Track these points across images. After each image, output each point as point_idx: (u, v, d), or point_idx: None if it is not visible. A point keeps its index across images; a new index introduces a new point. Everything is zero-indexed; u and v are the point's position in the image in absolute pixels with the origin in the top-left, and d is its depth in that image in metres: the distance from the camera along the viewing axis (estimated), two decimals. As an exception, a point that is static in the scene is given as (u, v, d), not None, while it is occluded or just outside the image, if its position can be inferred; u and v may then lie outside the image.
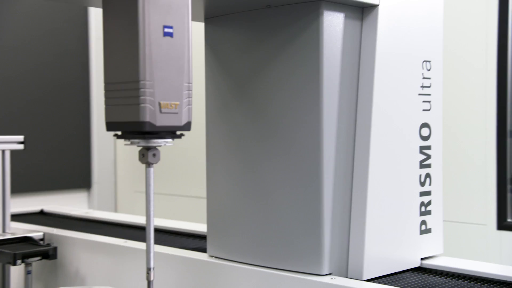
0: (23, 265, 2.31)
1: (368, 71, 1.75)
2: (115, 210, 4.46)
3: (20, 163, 3.77)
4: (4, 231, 2.54)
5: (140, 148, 1.43)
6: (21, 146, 2.57)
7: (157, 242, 2.20)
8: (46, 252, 2.32)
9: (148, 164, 1.43)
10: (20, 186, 3.82)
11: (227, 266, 1.87)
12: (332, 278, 1.68)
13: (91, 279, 2.30)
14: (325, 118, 1.70)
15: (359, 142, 1.75)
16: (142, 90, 1.34)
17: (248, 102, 1.87)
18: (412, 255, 1.86)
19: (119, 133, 1.42)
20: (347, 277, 1.73)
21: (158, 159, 1.43)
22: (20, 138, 2.57)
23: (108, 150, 4.47)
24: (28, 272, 2.34)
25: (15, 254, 2.23)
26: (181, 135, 1.43)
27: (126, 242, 2.21)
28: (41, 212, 3.19)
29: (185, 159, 4.09)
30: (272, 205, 1.80)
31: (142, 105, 1.34)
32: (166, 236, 2.48)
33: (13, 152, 2.57)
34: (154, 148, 1.42)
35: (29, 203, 3.50)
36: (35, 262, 2.33)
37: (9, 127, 3.62)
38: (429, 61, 1.89)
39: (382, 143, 1.76)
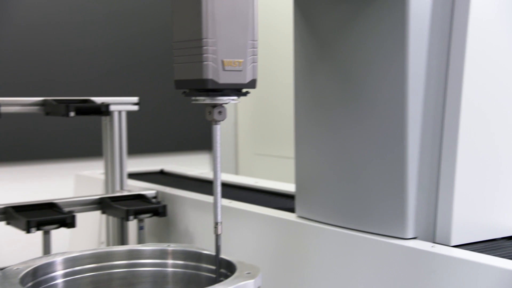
0: (136, 220, 2.43)
1: (462, 26, 1.63)
2: (236, 172, 4.55)
3: (144, 126, 3.96)
4: (122, 188, 2.69)
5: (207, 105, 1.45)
6: (135, 107, 2.69)
7: (246, 200, 2.24)
8: (156, 209, 2.43)
9: (215, 122, 1.45)
10: (145, 147, 4.01)
11: (313, 227, 1.85)
12: (426, 244, 1.61)
13: (198, 237, 2.37)
14: (411, 77, 1.62)
15: (449, 101, 1.65)
16: (204, 48, 1.35)
17: (332, 62, 1.82)
18: (509, 222, 1.74)
19: (187, 91, 1.44)
20: (434, 242, 1.65)
21: (225, 117, 1.44)
22: (135, 99, 2.69)
23: (229, 112, 4.55)
24: (140, 228, 2.46)
25: (127, 210, 2.36)
26: (247, 92, 1.43)
27: (230, 202, 2.25)
28: (161, 172, 3.33)
29: (277, 120, 4.07)
30: (357, 167, 1.76)
31: (205, 62, 1.35)
32: (256, 195, 2.51)
33: (138, 115, 2.67)
34: (220, 105, 1.43)
35: (152, 163, 3.66)
36: (148, 218, 2.45)
37: (140, 90, 3.75)
38: (536, 14, 1.74)
39: (475, 102, 1.64)
